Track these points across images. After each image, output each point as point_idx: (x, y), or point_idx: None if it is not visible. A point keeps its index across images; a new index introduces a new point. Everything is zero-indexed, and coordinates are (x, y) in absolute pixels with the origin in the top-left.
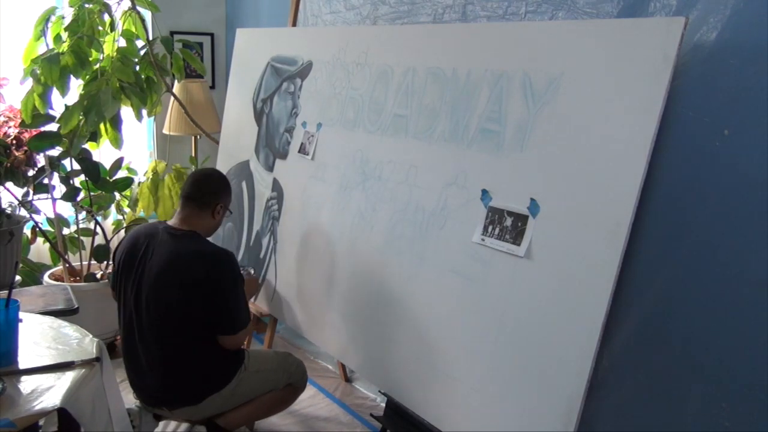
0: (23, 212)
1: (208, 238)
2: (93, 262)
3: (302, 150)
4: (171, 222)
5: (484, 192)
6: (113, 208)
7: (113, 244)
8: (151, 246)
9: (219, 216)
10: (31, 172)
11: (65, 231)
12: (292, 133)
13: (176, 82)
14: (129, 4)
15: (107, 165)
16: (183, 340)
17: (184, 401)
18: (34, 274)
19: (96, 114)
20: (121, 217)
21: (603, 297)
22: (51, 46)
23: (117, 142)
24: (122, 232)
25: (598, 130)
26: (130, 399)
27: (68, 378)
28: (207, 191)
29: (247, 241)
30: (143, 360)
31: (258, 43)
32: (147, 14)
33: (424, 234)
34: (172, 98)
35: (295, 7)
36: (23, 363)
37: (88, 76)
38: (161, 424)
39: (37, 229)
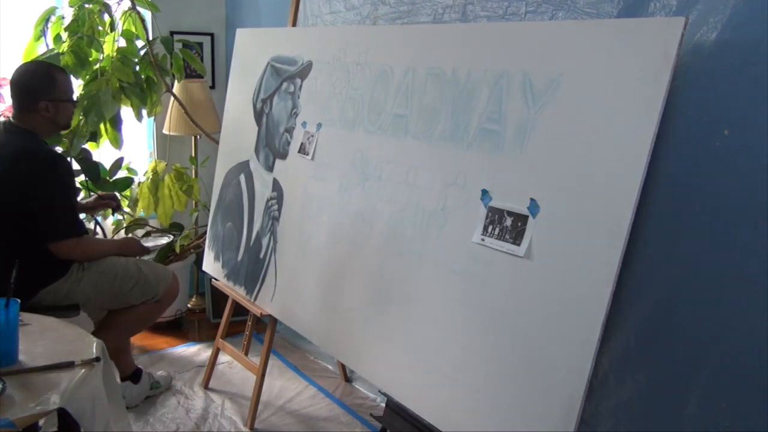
0: None
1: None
2: None
3: (302, 150)
4: (12, 118)
5: (484, 192)
6: None
7: None
8: None
9: (50, 114)
10: None
11: None
12: (292, 133)
13: (176, 82)
14: (129, 4)
15: (107, 165)
16: (10, 239)
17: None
18: None
19: (96, 114)
20: (121, 218)
21: (603, 297)
22: (51, 46)
23: (117, 142)
24: (122, 233)
25: (598, 130)
26: None
27: (68, 378)
28: (23, 91)
29: (247, 241)
30: None
31: (258, 43)
32: (147, 14)
33: (424, 234)
34: (172, 98)
35: (295, 7)
36: (23, 363)
37: (88, 76)
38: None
39: None
